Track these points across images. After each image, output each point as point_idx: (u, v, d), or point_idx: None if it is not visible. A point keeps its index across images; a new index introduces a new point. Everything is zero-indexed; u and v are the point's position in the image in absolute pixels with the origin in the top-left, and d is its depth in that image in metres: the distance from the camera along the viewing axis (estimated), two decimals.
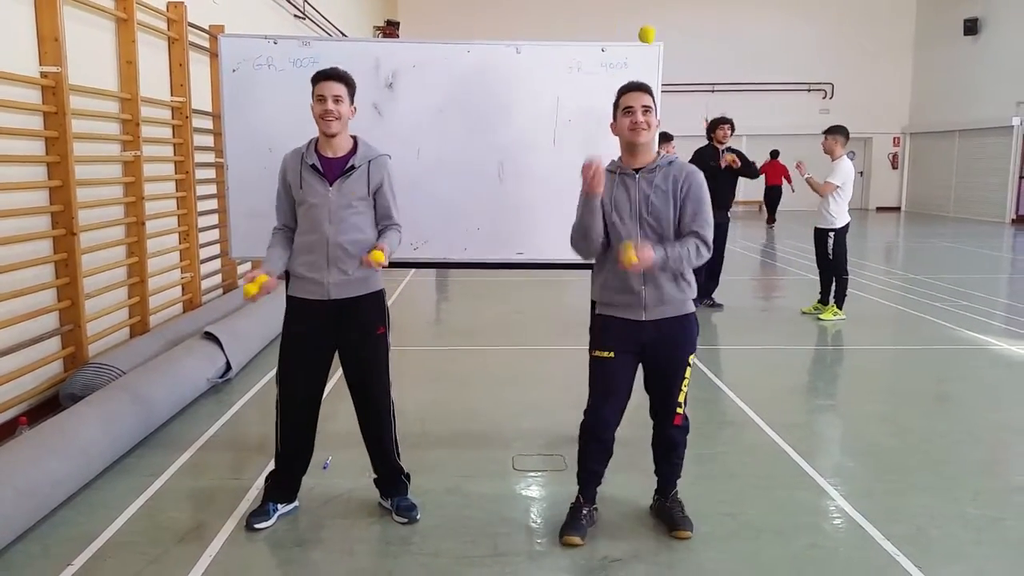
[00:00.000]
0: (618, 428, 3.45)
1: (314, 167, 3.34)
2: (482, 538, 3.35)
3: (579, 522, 3.38)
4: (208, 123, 7.71)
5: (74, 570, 3.09)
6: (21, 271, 4.65)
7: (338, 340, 3.45)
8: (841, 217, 7.71)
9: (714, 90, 22.03)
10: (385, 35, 18.01)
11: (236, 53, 4.22)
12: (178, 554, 3.21)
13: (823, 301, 8.05)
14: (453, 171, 4.36)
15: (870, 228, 18.28)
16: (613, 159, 3.35)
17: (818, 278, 8.15)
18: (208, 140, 7.75)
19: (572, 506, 3.45)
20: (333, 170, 3.34)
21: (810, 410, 5.32)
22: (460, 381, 5.95)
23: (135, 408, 4.38)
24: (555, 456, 4.26)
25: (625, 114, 3.21)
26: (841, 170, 7.59)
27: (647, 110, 3.19)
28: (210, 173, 7.76)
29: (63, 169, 4.96)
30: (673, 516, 3.40)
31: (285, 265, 3.45)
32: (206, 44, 7.63)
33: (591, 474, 3.42)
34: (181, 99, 6.88)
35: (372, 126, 4.17)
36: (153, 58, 6.51)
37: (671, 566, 3.14)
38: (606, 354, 3.31)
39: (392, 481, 3.59)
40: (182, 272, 7.04)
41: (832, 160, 7.70)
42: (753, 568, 3.14)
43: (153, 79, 6.44)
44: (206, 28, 7.58)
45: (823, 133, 7.84)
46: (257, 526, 3.41)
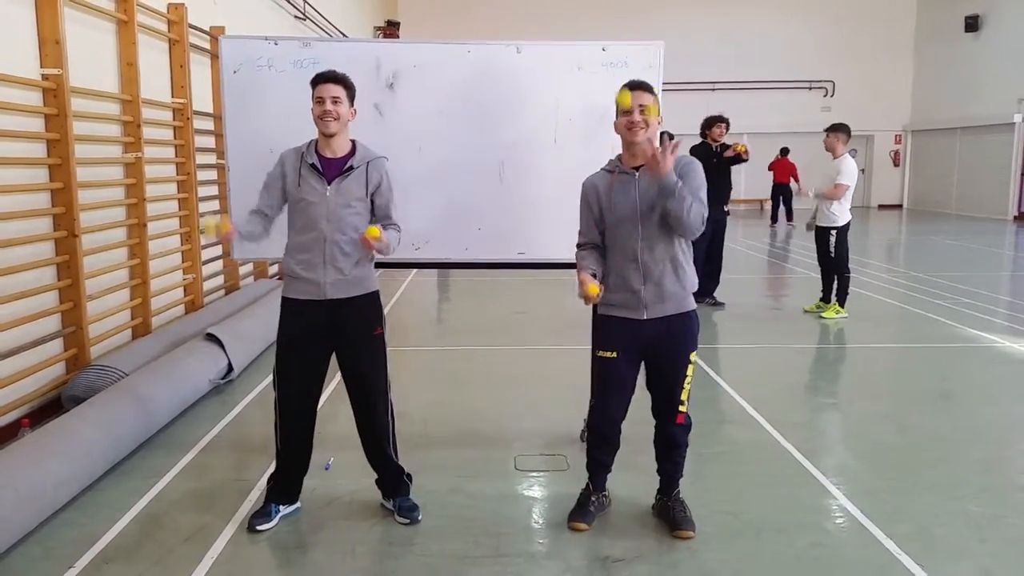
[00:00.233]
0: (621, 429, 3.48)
1: (313, 166, 3.36)
2: (484, 538, 3.35)
3: (587, 509, 3.46)
4: (209, 124, 7.71)
5: (76, 572, 3.09)
6: (23, 273, 4.66)
7: (335, 342, 3.45)
8: (843, 215, 7.69)
9: (715, 88, 22.01)
10: (386, 35, 18.03)
11: (237, 54, 4.22)
12: (180, 555, 3.21)
13: (825, 299, 8.04)
14: (454, 171, 4.36)
15: (872, 226, 18.26)
16: (611, 158, 3.37)
17: (820, 276, 8.14)
18: (209, 141, 7.75)
19: (581, 492, 3.53)
20: (332, 170, 3.36)
21: (812, 408, 5.31)
22: (462, 381, 5.95)
23: (137, 410, 4.38)
24: (557, 456, 4.26)
25: (623, 114, 3.23)
26: (847, 169, 7.56)
27: (644, 109, 3.21)
28: (211, 175, 7.77)
29: (64, 171, 4.97)
30: (675, 516, 3.40)
31: (250, 236, 3.42)
32: (207, 46, 7.64)
33: (599, 464, 3.51)
34: (182, 101, 6.88)
35: (373, 126, 4.17)
36: (154, 60, 6.51)
37: (673, 566, 3.14)
38: (609, 354, 3.35)
39: (394, 482, 3.60)
40: (184, 274, 7.05)
41: (834, 158, 7.69)
42: (755, 568, 3.13)
43: (154, 81, 6.44)
44: (207, 30, 7.59)
45: (825, 131, 7.82)
46: (259, 527, 3.41)
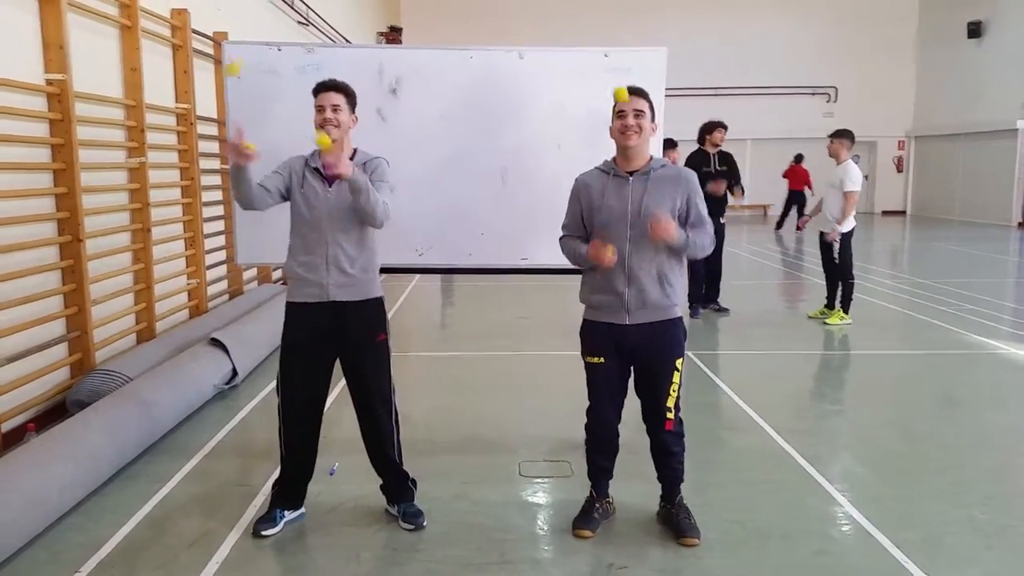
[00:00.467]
0: (623, 436, 3.49)
1: (316, 169, 3.41)
2: (488, 544, 3.34)
3: (591, 516, 3.46)
4: (213, 129, 7.73)
5: None
6: (28, 278, 4.66)
7: (339, 348, 3.46)
8: (847, 222, 7.67)
9: (717, 94, 22.02)
10: (388, 41, 18.07)
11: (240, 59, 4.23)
12: (185, 560, 3.21)
13: (829, 306, 8.03)
14: (457, 176, 4.37)
15: (876, 232, 18.24)
16: (606, 159, 3.38)
17: (824, 283, 8.13)
18: (213, 146, 7.76)
19: (586, 499, 3.53)
20: None
21: (817, 415, 5.30)
22: (466, 387, 5.95)
23: (142, 414, 4.38)
24: (561, 462, 4.25)
25: (617, 117, 3.25)
26: (853, 175, 7.53)
27: (639, 114, 3.22)
28: (215, 179, 7.78)
29: (69, 176, 4.97)
30: (680, 523, 3.39)
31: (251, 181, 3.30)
32: (210, 51, 7.65)
33: (600, 470, 3.51)
34: (186, 106, 6.90)
35: (376, 131, 4.18)
36: (157, 65, 6.52)
37: (678, 573, 3.13)
38: (596, 360, 3.38)
39: (398, 487, 3.59)
40: (188, 278, 7.05)
41: (837, 164, 7.68)
42: (760, 575, 3.12)
43: (158, 86, 6.45)
44: (210, 35, 7.60)
45: (828, 137, 7.81)
46: (264, 533, 3.41)
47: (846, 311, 7.82)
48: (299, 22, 11.15)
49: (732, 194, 8.32)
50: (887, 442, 4.63)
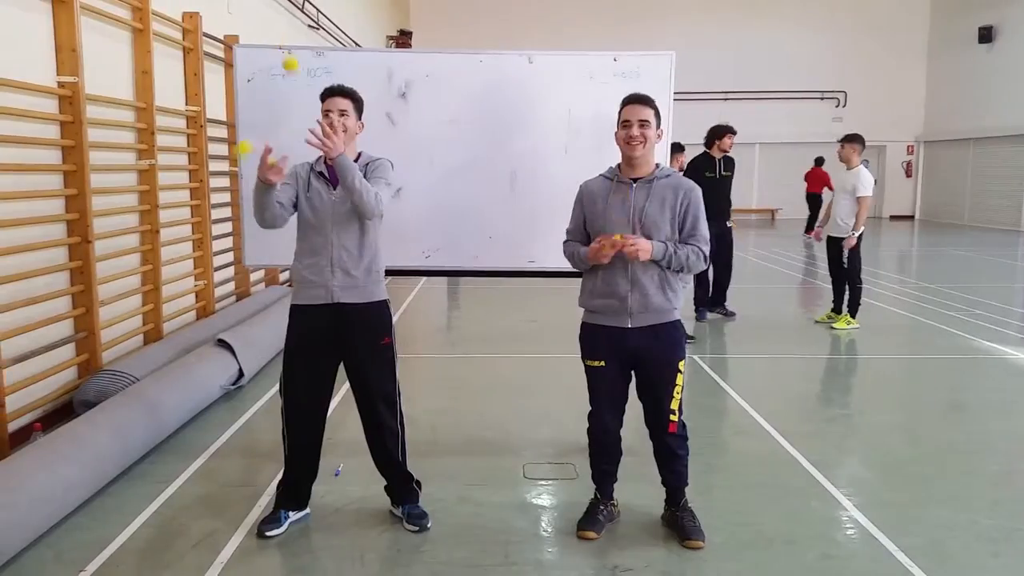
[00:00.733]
0: (627, 439, 3.51)
1: (321, 173, 3.43)
2: (493, 546, 3.35)
3: (596, 518, 3.46)
4: (223, 132, 7.76)
5: None
6: (37, 278, 4.69)
7: (343, 351, 3.46)
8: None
9: (727, 98, 22.01)
10: (398, 45, 18.11)
11: (251, 63, 4.26)
12: (190, 561, 3.22)
13: (836, 310, 8.01)
14: (465, 180, 4.38)
15: (884, 237, 18.18)
16: (611, 166, 3.38)
17: (831, 287, 8.11)
18: (222, 149, 7.80)
19: (590, 501, 3.53)
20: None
21: (823, 420, 5.28)
22: (471, 389, 5.95)
23: (148, 415, 4.40)
24: (566, 465, 4.25)
25: (623, 127, 3.26)
26: (865, 180, 7.50)
27: (644, 124, 3.22)
28: (224, 182, 7.81)
29: (79, 178, 5.01)
30: (685, 526, 3.38)
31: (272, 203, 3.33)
32: (221, 54, 7.70)
33: (603, 473, 3.52)
34: (196, 108, 6.93)
35: (386, 135, 4.20)
36: (168, 68, 6.57)
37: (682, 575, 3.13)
38: (597, 363, 3.39)
39: (403, 489, 3.60)
40: (196, 280, 7.08)
41: (848, 169, 7.65)
42: None
43: (168, 89, 6.49)
44: (221, 38, 7.65)
45: (839, 142, 7.77)
46: (268, 533, 3.42)
47: (853, 316, 7.79)
48: (309, 26, 11.20)
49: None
50: (893, 447, 4.62)
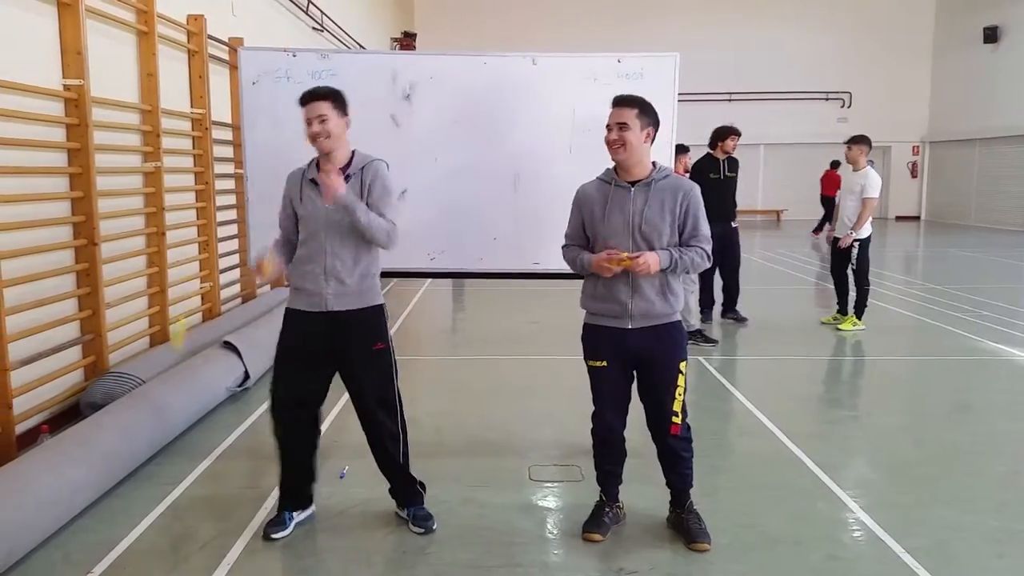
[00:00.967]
0: (632, 441, 3.51)
1: (313, 180, 3.37)
2: (498, 548, 3.35)
3: (601, 520, 3.45)
4: (228, 135, 7.78)
5: None
6: (43, 281, 4.70)
7: (337, 357, 3.44)
8: (865, 228, 7.62)
9: (731, 99, 21.99)
10: (402, 47, 18.14)
11: (256, 65, 4.27)
12: (196, 563, 3.23)
13: (842, 311, 7.99)
14: (469, 181, 4.39)
15: (889, 237, 18.12)
16: (608, 168, 3.37)
17: (834, 288, 8.09)
18: (228, 151, 7.82)
19: (596, 503, 3.53)
20: None
21: (829, 421, 5.27)
22: (476, 391, 5.95)
23: (154, 417, 4.41)
24: (571, 466, 4.25)
25: (607, 130, 3.24)
26: (874, 181, 7.47)
27: (622, 127, 3.19)
28: (229, 184, 7.83)
29: (85, 180, 5.02)
30: (690, 528, 3.38)
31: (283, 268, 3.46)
32: (225, 56, 7.72)
33: (608, 475, 3.51)
34: (201, 111, 6.95)
35: (390, 137, 4.21)
36: (173, 70, 6.58)
37: None
38: (600, 363, 3.38)
39: (408, 491, 3.60)
40: (201, 282, 7.09)
41: (855, 170, 7.62)
42: None
43: (173, 91, 6.51)
44: (225, 41, 7.67)
45: (846, 143, 7.75)
46: (274, 535, 3.42)
47: (859, 317, 7.77)
48: (314, 28, 11.22)
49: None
50: (899, 448, 4.61)
